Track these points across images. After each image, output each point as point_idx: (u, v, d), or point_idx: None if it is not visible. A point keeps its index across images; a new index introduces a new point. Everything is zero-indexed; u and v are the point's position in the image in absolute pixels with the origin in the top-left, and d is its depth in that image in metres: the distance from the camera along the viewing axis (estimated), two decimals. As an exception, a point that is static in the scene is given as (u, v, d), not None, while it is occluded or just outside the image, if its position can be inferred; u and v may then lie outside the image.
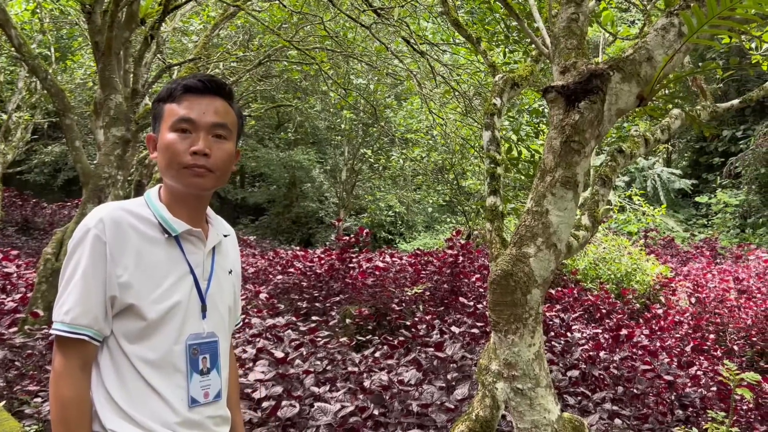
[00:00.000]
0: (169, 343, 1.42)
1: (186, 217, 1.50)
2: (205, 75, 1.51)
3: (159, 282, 1.42)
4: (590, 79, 2.24)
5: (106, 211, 1.42)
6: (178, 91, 1.47)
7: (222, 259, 1.59)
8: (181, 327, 1.44)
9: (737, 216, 17.67)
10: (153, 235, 1.45)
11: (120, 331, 1.40)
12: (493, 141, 3.11)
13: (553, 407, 2.25)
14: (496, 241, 2.84)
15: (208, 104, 1.48)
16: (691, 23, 2.11)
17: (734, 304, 7.65)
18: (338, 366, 4.50)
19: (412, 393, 3.59)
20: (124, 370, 1.40)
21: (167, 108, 1.48)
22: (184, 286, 1.46)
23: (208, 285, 1.51)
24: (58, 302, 1.40)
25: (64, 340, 1.38)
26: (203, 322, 1.49)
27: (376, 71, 10.76)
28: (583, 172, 2.27)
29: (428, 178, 16.29)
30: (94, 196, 5.79)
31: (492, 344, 3.12)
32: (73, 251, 1.40)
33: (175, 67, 8.80)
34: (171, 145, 1.44)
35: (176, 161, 1.44)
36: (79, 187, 21.56)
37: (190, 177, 1.45)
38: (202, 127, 1.46)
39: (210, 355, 1.49)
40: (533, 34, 2.71)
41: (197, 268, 1.50)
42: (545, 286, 2.25)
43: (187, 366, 1.44)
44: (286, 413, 3.08)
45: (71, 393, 1.36)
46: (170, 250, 1.46)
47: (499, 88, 3.28)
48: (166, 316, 1.41)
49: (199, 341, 1.47)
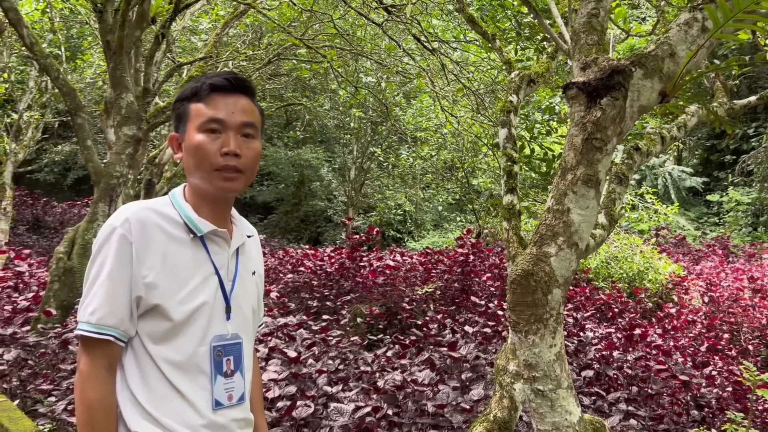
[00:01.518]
0: (194, 345, 1.40)
1: (211, 218, 1.48)
2: (229, 73, 1.49)
3: (184, 282, 1.40)
4: (612, 76, 2.20)
5: (131, 210, 1.40)
6: (204, 90, 1.45)
7: (246, 260, 1.56)
8: (206, 328, 1.42)
9: (749, 214, 17.52)
10: (178, 235, 1.43)
11: (145, 331, 1.38)
12: (510, 139, 3.07)
13: (575, 409, 2.21)
14: (514, 240, 2.80)
15: (235, 103, 1.46)
16: (716, 18, 2.06)
17: (748, 304, 7.57)
18: (350, 365, 4.48)
19: (426, 393, 3.56)
20: (148, 371, 1.38)
21: (193, 108, 1.45)
22: (210, 287, 1.44)
23: (232, 286, 1.49)
24: (83, 303, 1.38)
25: (90, 340, 1.36)
26: (227, 324, 1.46)
27: (386, 69, 10.72)
28: (605, 170, 2.23)
29: (437, 177, 16.24)
30: (105, 195, 5.79)
31: (510, 344, 3.09)
32: (98, 251, 1.39)
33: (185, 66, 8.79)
34: (201, 146, 1.42)
35: (207, 163, 1.42)
36: (88, 185, 21.69)
37: (221, 180, 1.43)
38: (231, 127, 1.44)
39: (234, 357, 1.46)
40: (551, 29, 2.67)
41: (222, 268, 1.47)
42: (566, 286, 2.21)
43: (212, 368, 1.42)
44: (301, 413, 3.06)
45: (97, 395, 1.34)
46: (195, 250, 1.44)
47: (515, 85, 3.24)
48: (191, 317, 1.39)
49: (223, 343, 1.45)
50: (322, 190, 21.92)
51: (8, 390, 4.38)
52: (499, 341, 5.50)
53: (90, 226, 5.69)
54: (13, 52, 13.15)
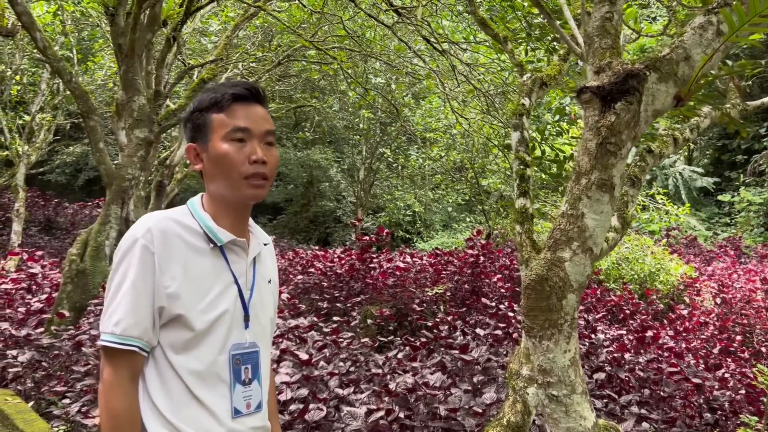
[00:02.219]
0: (214, 353, 1.41)
1: (230, 227, 1.49)
2: (247, 83, 1.52)
3: (205, 292, 1.42)
4: (626, 80, 2.19)
5: (153, 220, 1.41)
6: (226, 100, 1.47)
7: (262, 269, 1.58)
8: (226, 337, 1.43)
9: (761, 214, 17.38)
10: (199, 245, 1.44)
11: (166, 341, 1.40)
12: (522, 142, 3.07)
13: (589, 414, 2.20)
14: (527, 243, 2.80)
15: (257, 112, 1.49)
16: (732, 21, 2.05)
17: (761, 305, 7.52)
18: (361, 367, 4.48)
19: (438, 396, 3.56)
20: (169, 380, 1.39)
21: (216, 118, 1.47)
22: (229, 296, 1.45)
23: (250, 294, 1.51)
24: (105, 313, 1.39)
25: (114, 351, 1.37)
26: (246, 332, 1.48)
27: (395, 70, 10.72)
28: (620, 174, 2.22)
29: (447, 177, 16.21)
30: (117, 197, 5.82)
31: (523, 349, 3.08)
32: (120, 261, 1.39)
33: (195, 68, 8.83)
34: (228, 155, 1.44)
35: (235, 171, 1.44)
36: (99, 186, 21.84)
37: (249, 188, 1.46)
38: (256, 136, 1.47)
39: (252, 365, 1.48)
40: (564, 32, 2.66)
41: (240, 277, 1.49)
42: (581, 291, 2.21)
43: (231, 376, 1.43)
44: (313, 416, 3.07)
45: (122, 405, 1.35)
46: (215, 260, 1.46)
47: (527, 87, 3.23)
48: (212, 326, 1.41)
49: (241, 351, 1.46)
50: (331, 191, 21.96)
51: (22, 392, 4.41)
52: (510, 343, 5.49)
53: (102, 229, 5.72)
54: (25, 54, 13.26)
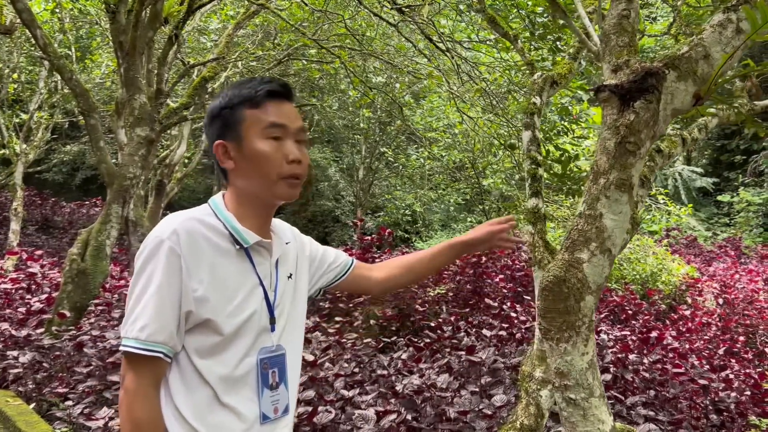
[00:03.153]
0: (241, 358, 1.37)
1: (255, 227, 1.44)
2: (279, 79, 1.47)
3: (233, 295, 1.37)
4: (645, 78, 2.15)
5: (178, 221, 1.36)
6: (261, 96, 1.41)
7: (284, 267, 1.53)
8: (253, 341, 1.39)
9: (760, 215, 17.38)
10: (224, 247, 1.39)
11: (192, 346, 1.35)
12: (534, 141, 3.03)
13: (607, 418, 2.17)
14: (540, 244, 2.76)
15: (290, 109, 1.45)
16: (755, 19, 2.01)
17: (764, 306, 7.50)
18: (366, 368, 4.45)
19: (447, 398, 3.52)
20: (194, 385, 1.34)
21: (249, 114, 1.41)
22: (255, 299, 1.41)
23: (275, 296, 1.46)
24: (129, 317, 1.34)
25: (137, 357, 1.32)
26: (272, 335, 1.43)
27: (396, 69, 10.68)
28: (638, 174, 2.19)
29: (447, 177, 16.17)
30: (118, 196, 5.77)
31: (536, 351, 3.04)
32: (145, 264, 1.34)
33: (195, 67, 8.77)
34: (267, 155, 1.39)
35: (274, 171, 1.40)
36: (97, 185, 21.76)
37: (286, 188, 1.42)
38: (291, 133, 1.43)
39: (278, 368, 1.43)
40: (579, 31, 2.63)
41: (265, 279, 1.44)
42: (599, 292, 2.17)
43: (258, 381, 1.39)
44: (322, 419, 3.03)
45: (146, 414, 1.30)
46: (240, 261, 1.41)
47: (538, 86, 3.19)
48: (239, 330, 1.36)
49: (269, 355, 1.42)
50: (330, 191, 21.90)
51: (24, 393, 4.37)
52: (514, 344, 5.46)
53: (103, 228, 5.67)
54: (23, 52, 13.18)
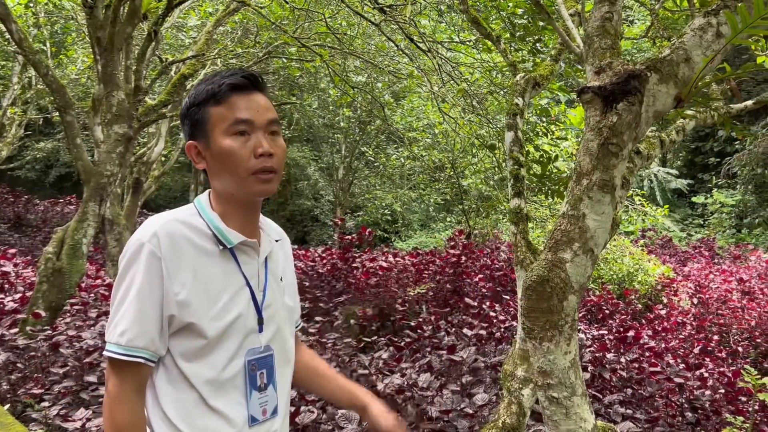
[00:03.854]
0: (228, 360, 1.34)
1: (239, 226, 1.41)
2: (244, 71, 1.41)
3: (217, 297, 1.34)
4: (628, 80, 2.18)
5: (159, 223, 1.33)
6: (223, 91, 1.36)
7: (274, 266, 1.50)
8: (240, 343, 1.36)
9: (733, 216, 17.71)
10: (208, 247, 1.36)
11: (177, 350, 1.32)
12: (516, 142, 3.05)
13: (589, 416, 2.19)
14: (522, 244, 2.78)
15: (258, 101, 1.39)
16: (735, 23, 2.05)
17: (737, 305, 7.64)
18: (347, 368, 4.44)
19: (428, 397, 3.53)
20: (181, 389, 1.32)
21: (214, 112, 1.37)
22: (242, 300, 1.38)
23: (263, 296, 1.43)
24: (111, 322, 1.31)
25: (119, 362, 1.30)
26: (260, 336, 1.41)
27: (377, 69, 10.67)
28: (621, 175, 2.22)
29: (427, 177, 16.22)
30: (95, 194, 5.68)
31: (518, 350, 3.06)
32: (126, 268, 1.31)
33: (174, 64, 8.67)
34: (233, 151, 1.35)
35: (242, 168, 1.35)
36: (71, 183, 21.42)
37: (258, 184, 1.37)
38: (259, 127, 1.37)
39: (266, 370, 1.41)
40: (562, 32, 2.65)
41: (252, 279, 1.41)
42: (581, 292, 2.19)
43: (246, 383, 1.37)
44: (303, 419, 3.01)
45: (127, 419, 1.28)
46: (225, 262, 1.38)
47: (521, 87, 3.21)
48: (225, 332, 1.34)
49: (256, 356, 1.39)
50: (309, 190, 21.81)
51: (-3, 394, 4.28)
52: (494, 343, 5.49)
53: (79, 226, 5.58)
54: (-5, 47, 12.93)
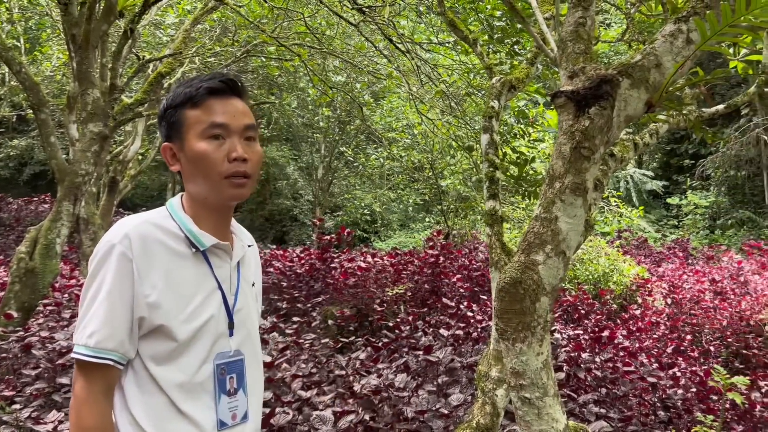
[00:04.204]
0: (198, 364, 1.34)
1: (212, 229, 1.41)
2: (222, 74, 1.42)
3: (188, 300, 1.34)
4: (600, 85, 2.21)
5: (131, 225, 1.32)
6: (201, 95, 1.37)
7: (246, 271, 1.51)
8: (210, 346, 1.36)
9: (707, 217, 18.02)
10: (180, 250, 1.36)
11: (147, 353, 1.32)
12: (492, 144, 3.07)
13: (561, 416, 2.22)
14: (497, 245, 2.80)
15: (234, 106, 1.40)
16: (704, 30, 2.09)
17: (710, 306, 7.77)
18: (324, 369, 4.44)
19: (404, 398, 3.54)
20: (150, 393, 1.31)
21: (190, 115, 1.37)
22: (213, 303, 1.38)
23: (235, 300, 1.43)
24: (80, 324, 1.30)
25: (87, 364, 1.29)
26: (230, 340, 1.41)
27: (356, 69, 10.67)
28: (593, 178, 2.25)
29: (406, 177, 16.26)
30: (69, 193, 5.61)
31: (492, 351, 3.09)
32: (96, 269, 1.30)
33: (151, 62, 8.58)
34: (206, 155, 1.35)
35: (215, 171, 1.35)
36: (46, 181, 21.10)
37: (231, 188, 1.37)
38: (235, 132, 1.38)
39: (237, 374, 1.41)
40: (537, 36, 2.68)
41: (224, 283, 1.41)
42: (554, 294, 2.22)
43: (215, 387, 1.36)
44: (279, 420, 3.01)
45: (94, 421, 1.27)
46: (198, 265, 1.38)
47: (496, 90, 3.24)
48: (195, 335, 1.33)
49: (226, 360, 1.39)
50: (288, 189, 21.74)
51: (-33, 396, 4.20)
52: (471, 343, 5.53)
53: (53, 226, 5.51)
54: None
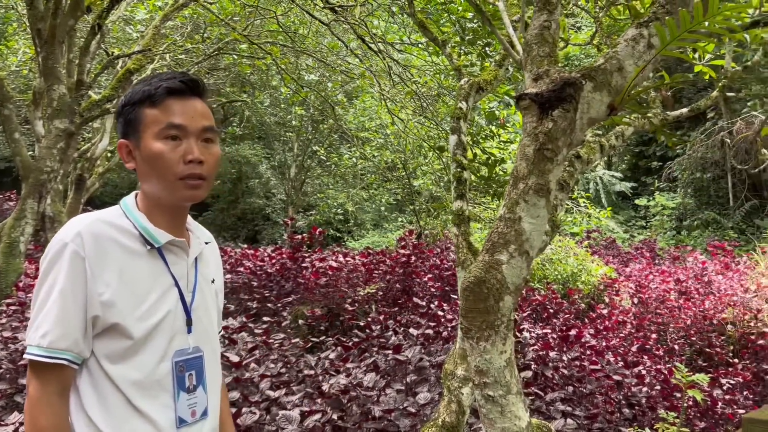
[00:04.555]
0: (155, 362, 1.33)
1: (167, 226, 1.40)
2: (182, 74, 1.41)
3: (143, 298, 1.33)
4: (564, 88, 2.25)
5: (84, 223, 1.31)
6: (160, 94, 1.36)
7: (204, 269, 1.50)
8: (168, 343, 1.35)
9: (674, 218, 18.38)
10: (134, 248, 1.35)
11: (102, 351, 1.30)
12: (460, 145, 3.10)
13: (524, 414, 2.25)
14: (463, 245, 2.83)
15: (194, 107, 1.39)
16: (664, 35, 2.14)
17: (674, 305, 7.93)
18: (293, 368, 4.43)
19: (372, 397, 3.55)
20: (106, 392, 1.30)
21: (148, 114, 1.37)
22: (169, 301, 1.37)
23: (192, 297, 1.43)
24: (32, 324, 1.29)
25: (41, 365, 1.27)
26: (189, 337, 1.40)
27: (329, 68, 10.65)
28: (555, 179, 2.28)
29: (379, 177, 16.30)
30: (34, 191, 5.51)
31: (458, 350, 3.12)
32: (48, 268, 1.29)
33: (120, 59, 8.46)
34: (161, 155, 1.34)
35: (170, 173, 1.35)
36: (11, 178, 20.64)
37: (185, 190, 1.37)
38: (192, 133, 1.37)
39: (196, 371, 1.40)
40: (504, 39, 2.71)
41: (181, 280, 1.41)
42: (517, 293, 2.25)
43: (174, 384, 1.36)
44: (246, 420, 3.00)
45: (49, 422, 1.25)
46: (153, 262, 1.37)
47: (464, 92, 3.27)
48: (152, 333, 1.33)
49: (185, 357, 1.38)
50: (261, 188, 21.60)
51: (-75, 398, 4.10)
52: (441, 342, 5.57)
53: (17, 224, 5.40)
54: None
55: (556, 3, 2.42)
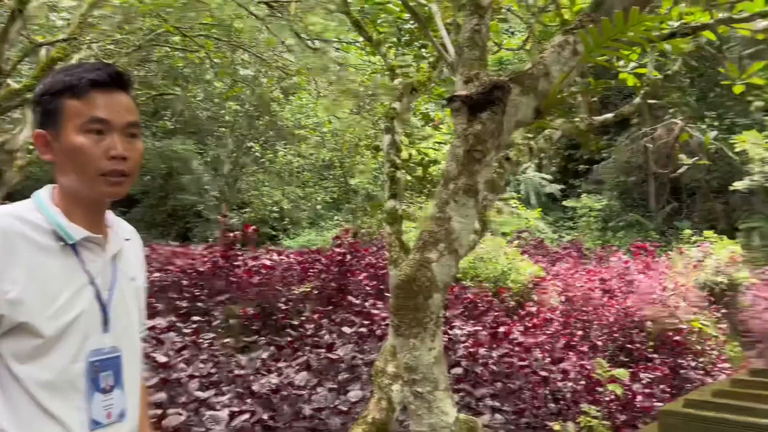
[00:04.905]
0: (67, 361, 1.28)
1: (84, 222, 1.35)
2: (107, 66, 1.36)
3: (55, 296, 1.27)
4: (492, 91, 2.31)
5: None
6: (83, 86, 1.31)
7: (124, 266, 1.45)
8: (82, 343, 1.30)
9: (600, 219, 19.12)
10: (46, 244, 1.29)
11: (9, 351, 1.24)
12: (393, 145, 3.13)
13: (451, 410, 2.29)
14: (396, 244, 2.86)
15: (119, 101, 1.35)
16: (587, 43, 2.23)
17: (599, 303, 8.25)
18: (223, 369, 4.36)
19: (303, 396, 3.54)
20: (14, 394, 1.24)
21: (70, 105, 1.31)
22: (84, 298, 1.32)
23: (110, 295, 1.37)
24: None
25: None
26: (105, 336, 1.35)
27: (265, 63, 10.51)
28: (484, 180, 2.34)
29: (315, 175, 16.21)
30: (-54, 183, 5.19)
31: (389, 347, 3.15)
32: None
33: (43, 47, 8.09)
34: (83, 150, 1.30)
35: (92, 168, 1.30)
36: None
37: (106, 186, 1.32)
38: (116, 128, 1.33)
39: (113, 371, 1.35)
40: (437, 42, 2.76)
41: (98, 277, 1.35)
42: (446, 290, 2.29)
43: (87, 385, 1.30)
44: (171, 422, 2.93)
45: None
46: (66, 259, 1.31)
47: (398, 92, 3.30)
48: (64, 332, 1.27)
49: (100, 357, 1.33)
50: (193, 184, 21.06)
51: None
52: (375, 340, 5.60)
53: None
54: None
55: (487, 8, 2.47)
